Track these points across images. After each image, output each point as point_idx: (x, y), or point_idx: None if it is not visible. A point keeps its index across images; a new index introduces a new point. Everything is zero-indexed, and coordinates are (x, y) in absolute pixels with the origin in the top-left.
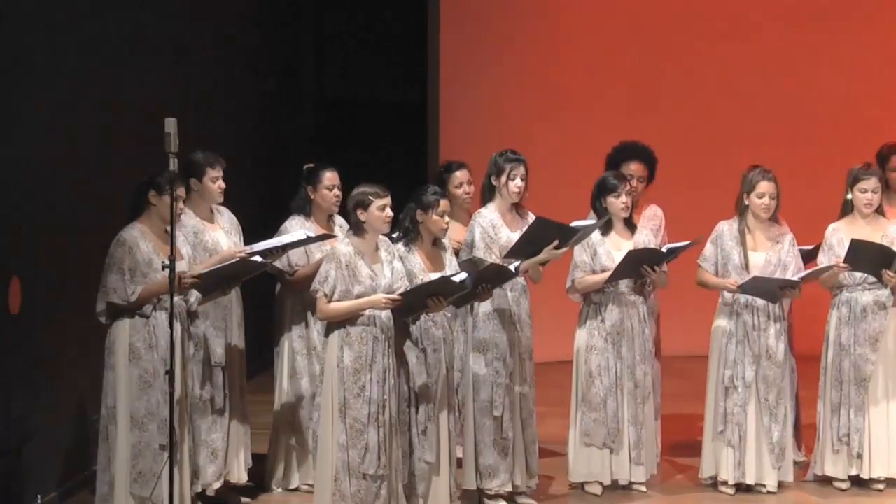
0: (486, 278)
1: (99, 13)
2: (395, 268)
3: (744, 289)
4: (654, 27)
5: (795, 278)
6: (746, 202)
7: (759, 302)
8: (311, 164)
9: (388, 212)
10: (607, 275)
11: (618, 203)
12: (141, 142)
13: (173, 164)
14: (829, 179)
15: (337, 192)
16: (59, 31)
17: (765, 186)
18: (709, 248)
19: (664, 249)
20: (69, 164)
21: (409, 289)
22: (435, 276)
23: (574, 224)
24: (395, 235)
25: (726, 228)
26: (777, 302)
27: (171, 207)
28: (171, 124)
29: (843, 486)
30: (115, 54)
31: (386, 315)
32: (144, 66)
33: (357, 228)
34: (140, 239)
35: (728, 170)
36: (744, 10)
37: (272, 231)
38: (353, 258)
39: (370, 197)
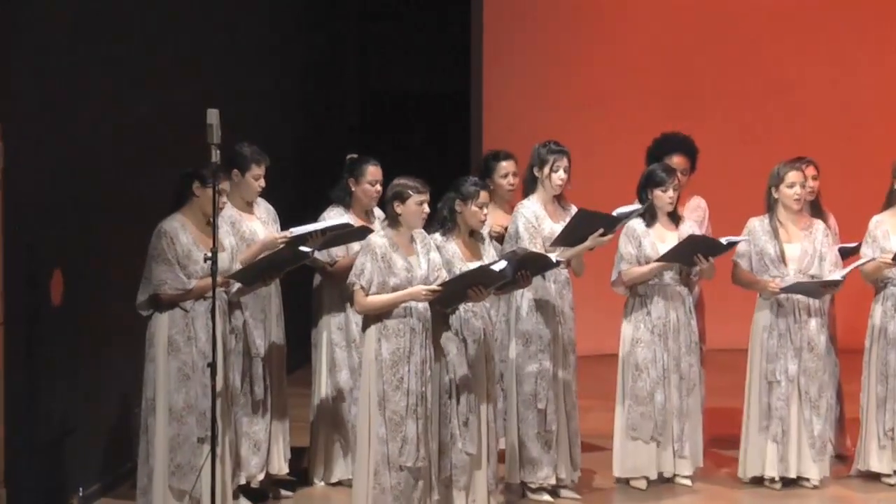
0: (525, 265)
1: (146, 5)
2: (432, 259)
3: (786, 290)
4: (694, 20)
5: (839, 276)
6: (776, 195)
7: (800, 295)
8: (355, 156)
9: (426, 208)
10: (654, 265)
11: (665, 197)
12: (183, 133)
13: (215, 155)
14: (872, 173)
15: (378, 187)
16: (104, 24)
17: (794, 176)
18: (742, 246)
19: (724, 241)
20: (111, 156)
21: (448, 279)
22: (474, 265)
23: (616, 212)
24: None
25: (758, 224)
26: (820, 298)
27: (213, 199)
28: (213, 115)
29: (891, 481)
30: (159, 47)
31: (423, 306)
32: (188, 57)
33: (392, 220)
34: (180, 230)
35: (767, 162)
36: (783, 2)
37: (311, 221)
38: (388, 250)
39: (409, 191)
